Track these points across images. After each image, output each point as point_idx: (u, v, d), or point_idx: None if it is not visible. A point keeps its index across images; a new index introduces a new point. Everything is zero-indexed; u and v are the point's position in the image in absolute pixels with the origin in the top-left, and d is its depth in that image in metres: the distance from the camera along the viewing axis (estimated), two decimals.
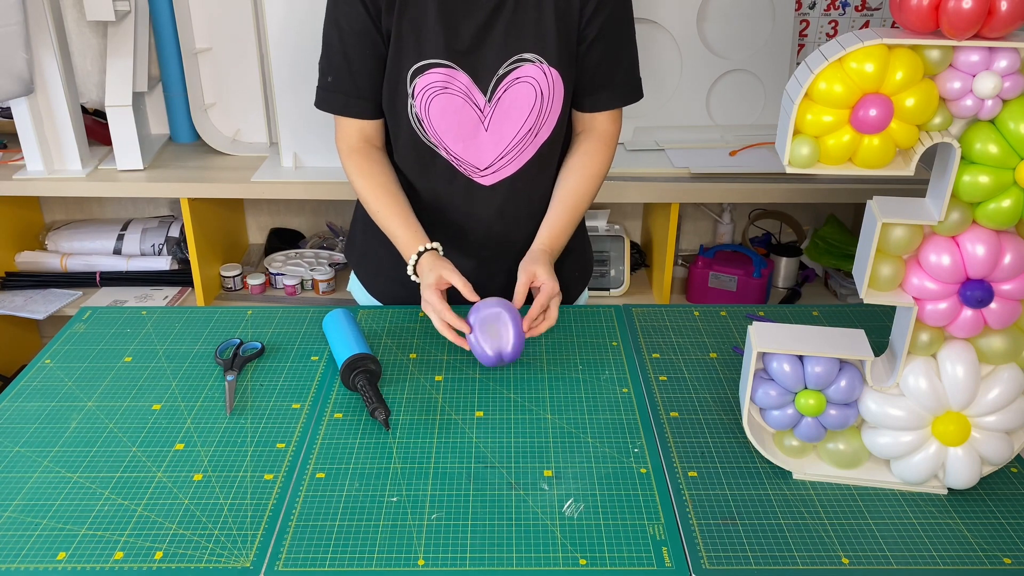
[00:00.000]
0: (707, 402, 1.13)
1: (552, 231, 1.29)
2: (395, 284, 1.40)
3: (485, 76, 1.24)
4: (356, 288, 1.53)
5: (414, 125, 1.27)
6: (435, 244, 1.25)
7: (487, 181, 1.32)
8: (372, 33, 1.23)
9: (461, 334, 1.17)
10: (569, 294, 1.50)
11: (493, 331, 1.15)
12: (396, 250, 1.30)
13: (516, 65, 1.23)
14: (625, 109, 1.35)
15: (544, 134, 1.29)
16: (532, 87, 1.24)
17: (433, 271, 1.20)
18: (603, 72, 1.29)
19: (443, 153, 1.29)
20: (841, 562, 0.88)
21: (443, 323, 1.17)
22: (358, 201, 1.45)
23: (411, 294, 1.38)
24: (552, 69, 1.24)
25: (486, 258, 1.38)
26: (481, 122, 1.27)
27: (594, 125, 1.34)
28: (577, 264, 1.50)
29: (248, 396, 1.14)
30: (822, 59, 0.83)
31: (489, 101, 1.25)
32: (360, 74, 1.26)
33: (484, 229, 1.35)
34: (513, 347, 1.14)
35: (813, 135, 0.85)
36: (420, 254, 1.23)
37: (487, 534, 0.91)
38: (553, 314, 1.20)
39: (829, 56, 0.82)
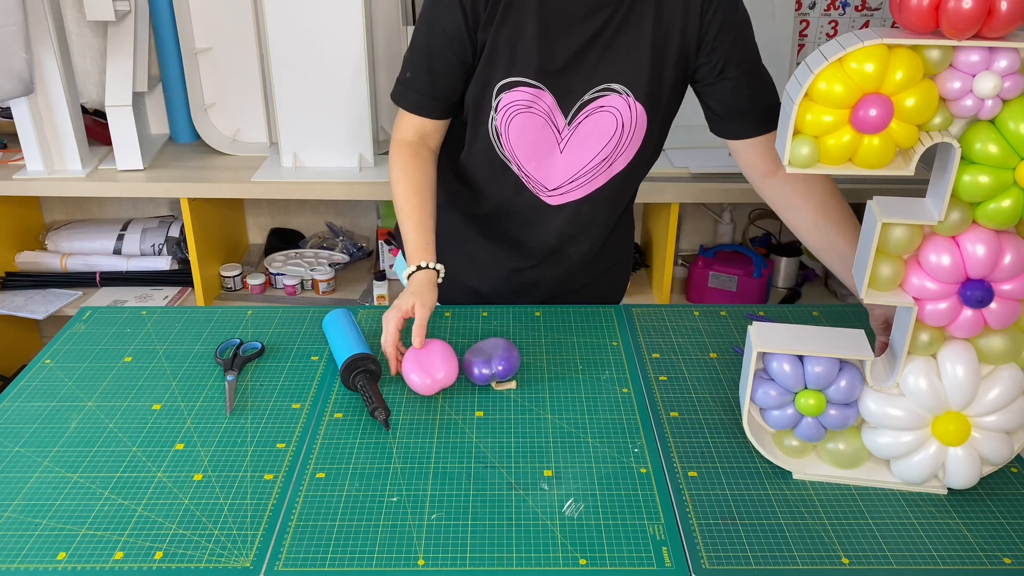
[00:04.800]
0: (707, 402, 1.13)
1: None
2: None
3: (570, 100, 1.22)
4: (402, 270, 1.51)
5: (492, 138, 1.25)
6: (438, 266, 1.21)
7: (554, 201, 1.30)
8: (464, 41, 1.20)
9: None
10: (614, 296, 1.51)
11: (486, 355, 1.16)
12: (448, 246, 1.30)
13: (602, 94, 1.21)
14: None
15: (619, 166, 1.27)
16: (614, 117, 1.22)
17: (413, 296, 1.16)
18: (759, 93, 1.22)
19: (514, 168, 1.27)
20: (841, 562, 0.88)
21: (391, 343, 1.14)
22: None
23: (459, 294, 1.39)
24: (638, 104, 1.21)
25: (533, 266, 1.38)
26: (557, 144, 1.25)
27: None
28: (622, 267, 1.51)
29: (248, 396, 1.14)
30: (822, 59, 0.83)
31: (569, 124, 1.23)
32: (439, 76, 1.24)
33: (540, 243, 1.35)
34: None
35: (813, 135, 0.85)
36: (419, 268, 1.20)
37: (487, 534, 0.91)
38: None
39: (829, 56, 0.82)
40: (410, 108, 1.28)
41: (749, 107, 1.22)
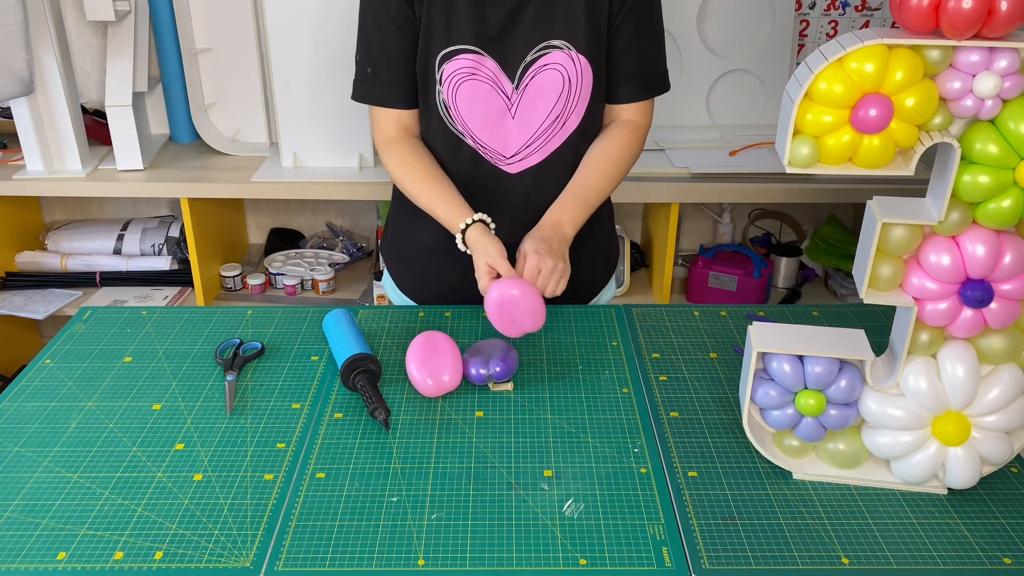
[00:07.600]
0: (707, 402, 1.13)
1: (562, 211, 1.26)
2: (429, 283, 1.39)
3: (513, 63, 1.24)
4: (389, 285, 1.52)
5: (441, 112, 1.27)
6: (481, 216, 1.24)
7: (513, 169, 1.31)
8: (411, 20, 1.24)
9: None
10: (593, 288, 1.49)
11: (485, 355, 1.16)
12: (429, 248, 1.29)
13: (544, 52, 1.23)
14: None
15: (572, 123, 1.29)
16: (560, 74, 1.24)
17: (479, 255, 1.19)
18: (628, 63, 1.28)
19: (469, 140, 1.29)
20: (841, 562, 0.88)
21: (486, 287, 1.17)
22: (394, 196, 1.45)
23: (446, 293, 1.39)
24: (580, 56, 1.23)
25: (511, 246, 1.38)
26: (508, 109, 1.27)
27: (619, 115, 1.33)
28: (601, 257, 1.49)
29: (248, 396, 1.14)
30: (822, 59, 0.83)
31: (516, 88, 1.25)
32: (399, 63, 1.26)
33: (510, 218, 1.35)
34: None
35: (813, 135, 0.85)
36: (468, 226, 1.22)
37: (487, 534, 0.91)
38: (560, 277, 1.19)
39: (829, 56, 0.82)
40: (380, 102, 1.30)
41: (630, 75, 1.29)
